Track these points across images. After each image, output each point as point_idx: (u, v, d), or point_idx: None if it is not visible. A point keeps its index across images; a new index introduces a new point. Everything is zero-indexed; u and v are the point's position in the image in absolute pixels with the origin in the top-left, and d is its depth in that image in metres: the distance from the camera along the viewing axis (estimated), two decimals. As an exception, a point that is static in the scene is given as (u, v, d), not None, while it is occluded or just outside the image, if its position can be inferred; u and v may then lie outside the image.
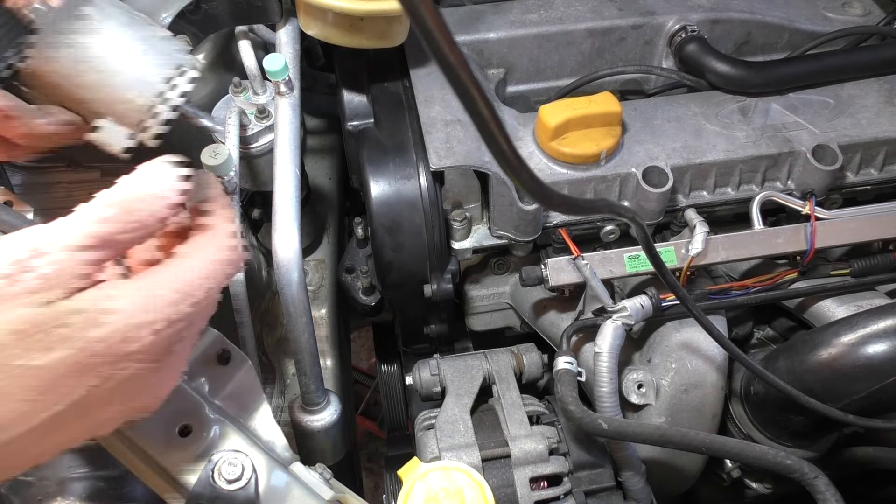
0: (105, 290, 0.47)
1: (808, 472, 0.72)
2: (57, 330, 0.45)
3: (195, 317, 0.52)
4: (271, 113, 0.91)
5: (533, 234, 0.94)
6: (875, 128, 0.97)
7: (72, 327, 0.45)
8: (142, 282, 0.49)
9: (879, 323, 0.83)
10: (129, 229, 0.49)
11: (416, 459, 0.81)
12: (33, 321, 0.45)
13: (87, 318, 0.46)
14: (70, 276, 0.46)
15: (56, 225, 0.48)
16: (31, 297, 0.45)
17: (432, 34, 0.40)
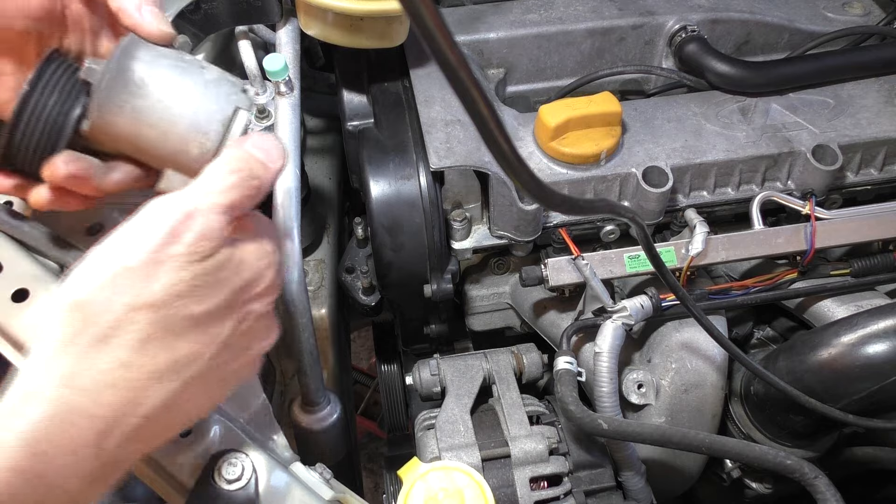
0: (237, 245, 0.56)
1: (808, 472, 0.72)
2: (210, 282, 0.53)
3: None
4: (271, 113, 0.90)
5: (533, 234, 0.94)
6: (875, 128, 0.97)
7: (218, 278, 0.54)
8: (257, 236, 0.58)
9: (879, 323, 0.83)
10: (252, 195, 0.57)
11: (416, 459, 0.81)
12: (192, 277, 0.52)
13: (230, 269, 0.55)
14: (215, 235, 0.53)
15: (195, 190, 0.54)
16: (188, 256, 0.52)
17: (432, 34, 0.40)
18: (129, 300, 0.50)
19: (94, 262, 0.52)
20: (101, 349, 0.49)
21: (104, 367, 0.49)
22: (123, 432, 0.51)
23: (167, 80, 0.62)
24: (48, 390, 0.48)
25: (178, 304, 0.51)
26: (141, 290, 0.50)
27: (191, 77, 0.63)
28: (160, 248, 0.51)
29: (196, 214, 0.53)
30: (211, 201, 0.54)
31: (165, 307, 0.51)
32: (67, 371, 0.49)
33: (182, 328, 0.52)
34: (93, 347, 0.49)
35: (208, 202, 0.54)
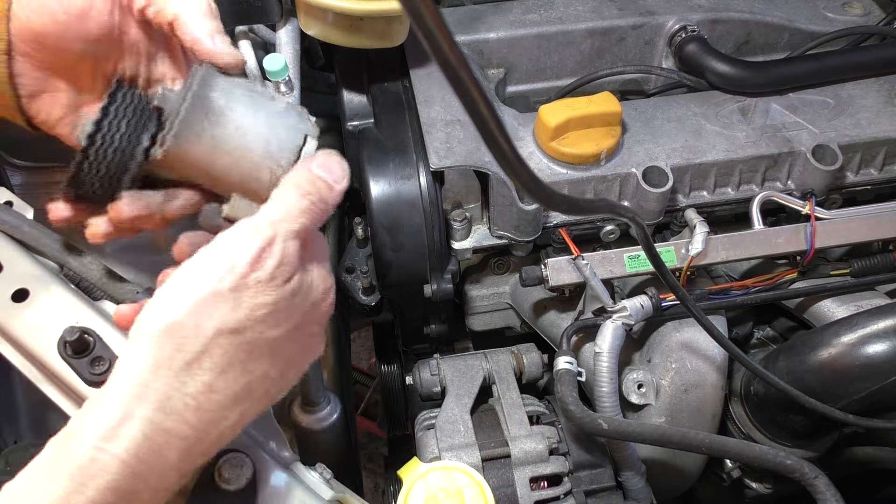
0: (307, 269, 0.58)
1: (808, 472, 0.72)
2: (287, 306, 0.56)
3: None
4: (271, 113, 0.91)
5: (533, 234, 0.94)
6: (875, 128, 0.97)
7: (293, 302, 0.56)
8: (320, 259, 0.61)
9: (879, 323, 0.83)
10: (320, 217, 0.59)
11: (416, 459, 0.81)
12: (274, 302, 0.55)
13: (302, 293, 0.57)
14: (292, 261, 0.56)
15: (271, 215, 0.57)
16: (270, 282, 0.54)
17: (432, 34, 0.40)
18: (218, 325, 0.52)
19: (181, 286, 0.54)
20: (191, 373, 0.52)
21: (192, 390, 0.52)
22: (201, 450, 0.54)
23: (243, 108, 0.63)
24: (144, 412, 0.50)
25: (259, 328, 0.54)
26: (228, 314, 0.53)
27: (264, 107, 0.64)
28: (246, 274, 0.53)
29: (276, 241, 0.55)
30: (287, 227, 0.56)
31: (249, 331, 0.54)
32: (162, 395, 0.51)
33: (260, 352, 0.55)
34: (183, 371, 0.52)
35: (285, 228, 0.56)
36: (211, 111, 0.61)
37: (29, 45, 0.62)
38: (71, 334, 0.64)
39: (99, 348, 0.65)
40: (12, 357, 0.68)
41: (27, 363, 0.68)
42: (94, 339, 0.65)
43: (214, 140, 0.61)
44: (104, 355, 0.65)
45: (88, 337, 0.65)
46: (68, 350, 0.65)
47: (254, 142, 0.62)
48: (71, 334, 0.64)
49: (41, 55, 0.62)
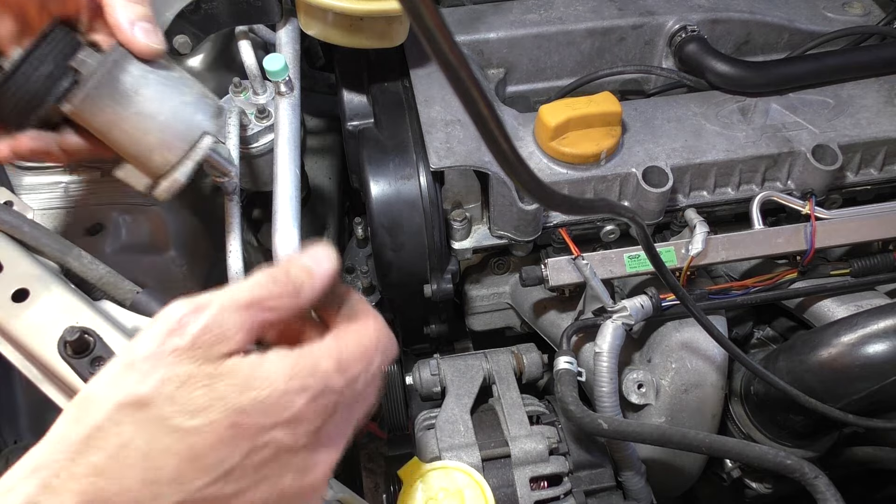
0: (258, 355, 0.47)
1: (808, 471, 0.72)
2: (210, 389, 0.45)
3: (349, 395, 0.50)
4: (271, 113, 0.91)
5: (533, 234, 0.94)
6: (875, 128, 0.97)
7: (224, 388, 0.45)
8: (295, 350, 0.49)
9: (879, 323, 0.83)
10: (284, 294, 0.50)
11: (416, 459, 0.81)
12: (189, 378, 0.45)
13: (239, 380, 0.45)
14: (226, 333, 0.46)
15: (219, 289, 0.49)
16: (189, 352, 0.45)
17: (433, 34, 0.40)
18: (120, 396, 0.44)
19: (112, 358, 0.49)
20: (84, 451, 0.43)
21: (81, 471, 0.43)
22: None
23: (148, 96, 0.67)
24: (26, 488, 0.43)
25: (167, 407, 0.44)
26: (133, 385, 0.44)
27: (170, 97, 0.68)
28: (162, 341, 0.45)
29: (207, 307, 0.47)
30: (230, 296, 0.48)
31: (154, 408, 0.44)
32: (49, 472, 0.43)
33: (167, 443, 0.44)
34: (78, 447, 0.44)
35: (226, 296, 0.48)
36: (116, 92, 0.65)
37: None
38: (71, 334, 0.64)
39: (99, 348, 0.65)
40: (12, 357, 0.68)
41: (27, 363, 0.68)
42: (94, 339, 0.65)
43: (115, 117, 0.66)
44: (104, 355, 0.65)
45: (88, 337, 0.65)
46: (68, 350, 0.65)
47: (151, 128, 0.67)
48: (71, 334, 0.64)
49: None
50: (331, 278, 0.53)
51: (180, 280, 1.03)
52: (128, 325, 0.69)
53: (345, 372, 0.49)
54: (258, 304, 0.48)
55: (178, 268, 1.03)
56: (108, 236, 0.93)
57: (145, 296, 0.71)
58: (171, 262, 1.02)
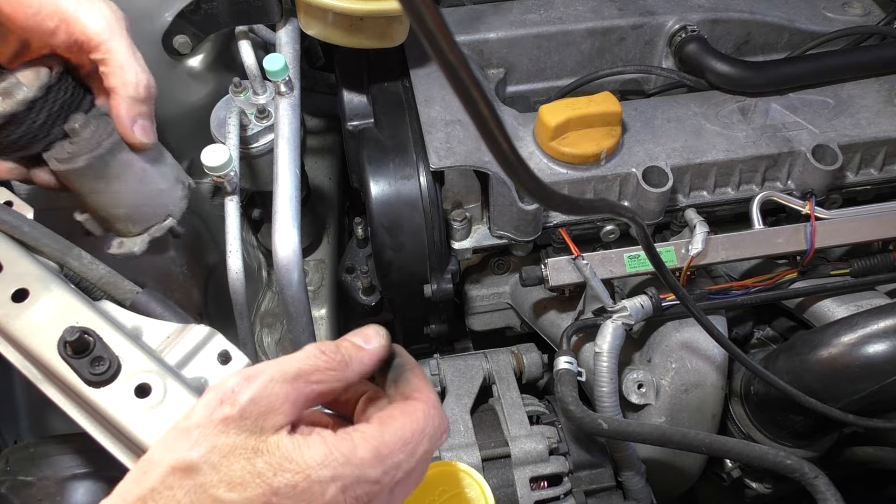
0: (300, 437, 0.48)
1: (808, 471, 0.72)
2: (250, 464, 0.46)
3: (388, 482, 0.50)
4: (271, 113, 0.91)
5: (533, 234, 0.94)
6: (875, 128, 0.97)
7: (262, 466, 0.46)
8: (334, 437, 0.49)
9: (879, 323, 0.83)
10: (332, 367, 0.51)
11: (417, 459, 0.81)
12: (234, 448, 0.46)
13: (276, 459, 0.46)
14: (273, 405, 0.48)
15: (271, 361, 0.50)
16: (237, 422, 0.47)
17: (433, 34, 0.40)
18: (172, 461, 0.46)
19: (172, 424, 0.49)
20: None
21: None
22: None
23: (128, 181, 0.74)
24: None
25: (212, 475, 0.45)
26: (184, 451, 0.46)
27: (147, 184, 0.76)
28: (214, 409, 0.47)
29: (257, 378, 0.48)
30: (278, 368, 0.49)
31: (201, 475, 0.46)
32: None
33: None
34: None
35: (275, 368, 0.49)
36: (102, 172, 0.72)
37: None
38: (71, 334, 0.64)
39: (99, 348, 0.65)
40: (12, 357, 0.68)
41: (27, 363, 0.68)
42: (94, 339, 0.65)
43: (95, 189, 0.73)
44: (104, 355, 0.65)
45: (88, 337, 0.65)
46: (68, 350, 0.65)
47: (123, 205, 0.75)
48: (71, 334, 0.64)
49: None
50: (381, 353, 0.55)
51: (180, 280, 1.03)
52: (128, 325, 0.68)
53: (384, 460, 0.49)
54: (305, 376, 0.50)
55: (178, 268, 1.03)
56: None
57: (145, 296, 0.71)
58: (171, 262, 1.02)
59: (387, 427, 0.51)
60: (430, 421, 0.53)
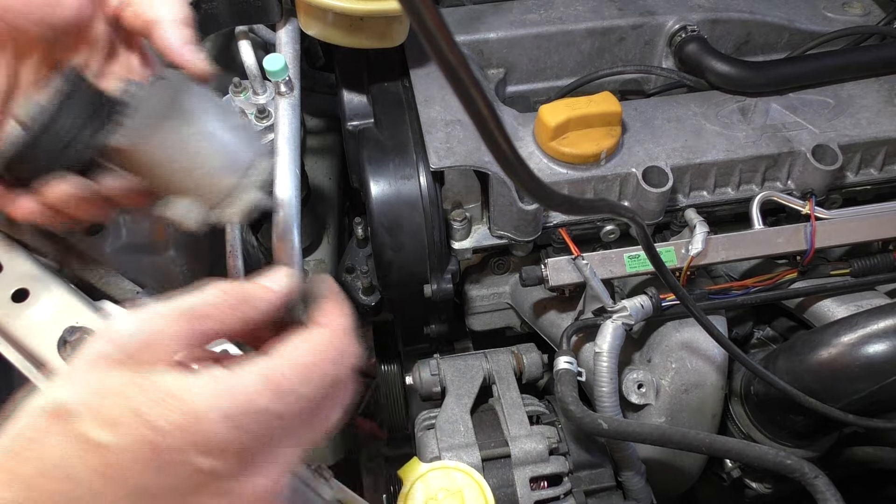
0: (187, 375, 0.45)
1: (808, 471, 0.72)
2: (128, 401, 0.43)
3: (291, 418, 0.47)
4: (271, 113, 0.91)
5: (533, 234, 0.94)
6: (875, 128, 0.97)
7: (142, 403, 0.43)
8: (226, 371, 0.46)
9: (879, 323, 0.83)
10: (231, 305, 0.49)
11: (416, 459, 0.81)
12: (111, 387, 0.43)
13: (159, 396, 0.43)
14: (155, 339, 0.45)
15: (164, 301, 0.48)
16: (116, 359, 0.44)
17: (432, 34, 0.40)
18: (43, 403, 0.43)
19: None
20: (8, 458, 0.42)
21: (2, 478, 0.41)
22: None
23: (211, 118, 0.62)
24: None
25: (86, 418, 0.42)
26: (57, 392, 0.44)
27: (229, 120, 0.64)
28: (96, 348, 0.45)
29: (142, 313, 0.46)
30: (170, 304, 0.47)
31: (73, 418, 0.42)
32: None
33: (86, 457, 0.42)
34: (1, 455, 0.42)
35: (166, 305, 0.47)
36: (179, 112, 0.60)
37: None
38: (71, 334, 0.64)
39: (99, 348, 0.65)
40: (12, 357, 0.68)
41: (27, 363, 0.68)
42: (94, 339, 0.65)
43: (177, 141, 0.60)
44: (104, 355, 0.65)
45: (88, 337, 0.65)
46: (68, 350, 0.65)
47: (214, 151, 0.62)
48: (71, 334, 0.64)
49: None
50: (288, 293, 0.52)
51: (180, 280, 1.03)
52: (128, 325, 0.68)
53: (279, 391, 0.46)
54: (201, 314, 0.47)
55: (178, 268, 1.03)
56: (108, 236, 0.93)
57: (145, 296, 0.71)
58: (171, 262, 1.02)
59: (283, 357, 0.48)
60: (333, 346, 0.50)
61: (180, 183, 0.62)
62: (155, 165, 0.61)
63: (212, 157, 0.62)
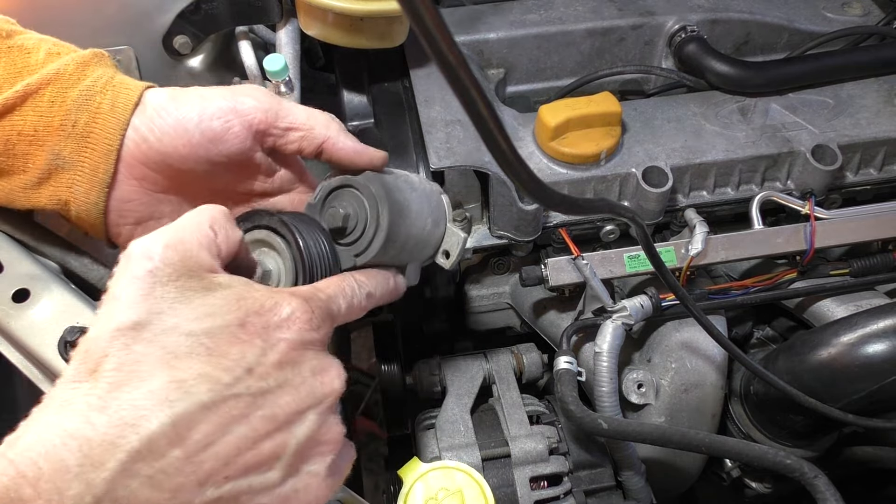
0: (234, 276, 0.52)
1: (807, 471, 0.72)
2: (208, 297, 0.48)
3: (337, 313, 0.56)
4: (271, 113, 0.91)
5: (533, 234, 0.94)
6: (874, 128, 0.97)
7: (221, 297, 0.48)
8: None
9: (879, 323, 0.83)
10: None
11: (416, 459, 0.81)
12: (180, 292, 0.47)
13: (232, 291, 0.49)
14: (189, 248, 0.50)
15: None
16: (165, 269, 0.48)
17: (432, 34, 0.40)
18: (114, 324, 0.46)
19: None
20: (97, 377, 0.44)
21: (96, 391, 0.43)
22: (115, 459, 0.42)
23: (409, 197, 0.67)
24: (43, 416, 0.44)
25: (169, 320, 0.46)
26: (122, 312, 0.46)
27: (413, 185, 0.69)
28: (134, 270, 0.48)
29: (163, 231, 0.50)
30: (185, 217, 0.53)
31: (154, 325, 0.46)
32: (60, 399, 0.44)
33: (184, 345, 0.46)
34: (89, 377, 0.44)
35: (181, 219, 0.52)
36: (399, 209, 0.64)
37: (151, 167, 0.62)
38: (71, 334, 0.64)
39: (99, 348, 0.65)
40: (12, 357, 0.68)
41: (27, 363, 0.68)
42: (94, 339, 0.65)
43: (406, 231, 0.66)
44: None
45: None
46: (68, 350, 0.65)
47: (425, 219, 0.69)
48: (71, 334, 0.64)
49: (159, 175, 0.63)
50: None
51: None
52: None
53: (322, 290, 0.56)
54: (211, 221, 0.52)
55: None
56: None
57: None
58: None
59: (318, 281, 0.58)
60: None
61: (408, 259, 0.70)
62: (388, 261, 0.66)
63: (425, 227, 0.69)
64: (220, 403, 0.45)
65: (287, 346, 0.50)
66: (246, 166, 0.66)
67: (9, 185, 0.63)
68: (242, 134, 0.63)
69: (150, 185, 0.64)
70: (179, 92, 0.63)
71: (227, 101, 0.62)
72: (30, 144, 0.61)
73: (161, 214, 0.66)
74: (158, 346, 0.45)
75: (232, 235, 0.54)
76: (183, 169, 0.63)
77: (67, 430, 0.42)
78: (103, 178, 0.61)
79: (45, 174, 0.62)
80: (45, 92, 0.60)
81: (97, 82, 0.61)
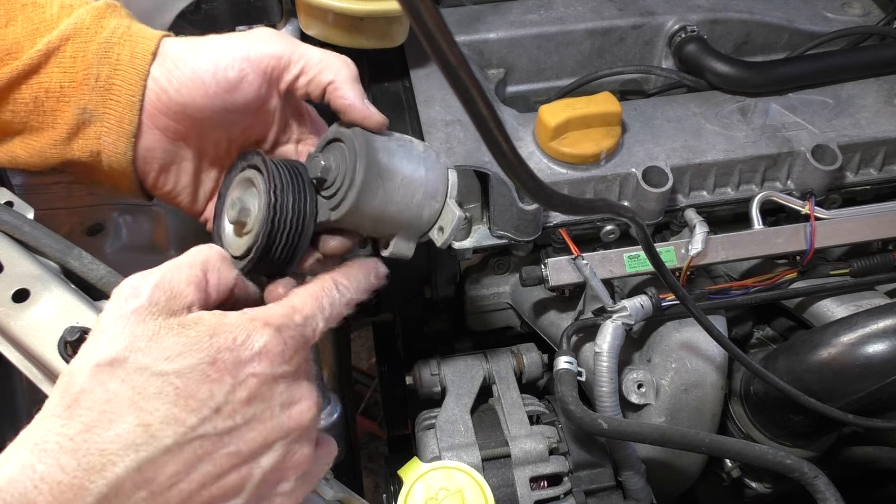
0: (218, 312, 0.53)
1: (807, 471, 0.72)
2: (181, 336, 0.49)
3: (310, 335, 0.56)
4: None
5: (533, 234, 0.94)
6: (874, 128, 0.97)
7: (195, 335, 0.49)
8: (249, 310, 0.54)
9: (879, 323, 0.83)
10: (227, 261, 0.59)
11: (416, 459, 0.81)
12: (157, 331, 0.49)
13: (206, 327, 0.50)
14: (176, 288, 0.52)
15: None
16: (148, 308, 0.50)
17: (432, 34, 0.40)
18: (95, 359, 0.48)
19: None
20: (72, 414, 0.46)
21: (70, 431, 0.45)
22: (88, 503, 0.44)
23: (401, 161, 0.66)
24: (18, 454, 0.45)
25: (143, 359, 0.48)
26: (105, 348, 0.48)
27: (412, 154, 0.68)
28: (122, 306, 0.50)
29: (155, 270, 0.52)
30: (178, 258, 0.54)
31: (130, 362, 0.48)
32: (37, 436, 0.46)
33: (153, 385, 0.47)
34: (66, 411, 0.46)
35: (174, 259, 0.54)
36: (380, 170, 0.63)
37: (171, 117, 0.64)
38: (71, 334, 0.64)
39: (99, 348, 0.65)
40: (12, 357, 0.68)
41: (27, 363, 0.68)
42: (94, 339, 0.65)
43: (386, 195, 0.64)
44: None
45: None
46: (68, 350, 0.65)
47: (416, 189, 0.66)
48: (71, 334, 0.64)
49: (179, 125, 0.64)
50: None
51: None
52: (128, 325, 0.68)
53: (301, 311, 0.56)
54: (203, 263, 0.54)
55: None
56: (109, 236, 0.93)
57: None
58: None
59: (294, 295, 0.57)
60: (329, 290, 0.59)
61: (394, 227, 0.67)
62: (369, 223, 0.66)
63: (413, 196, 0.66)
64: (184, 445, 0.47)
65: (257, 381, 0.51)
66: (262, 113, 0.67)
67: (40, 143, 0.64)
68: (257, 81, 0.64)
69: (171, 134, 0.65)
70: (196, 41, 0.65)
71: (241, 49, 0.63)
72: (57, 101, 0.62)
73: (181, 159, 0.68)
74: (129, 385, 0.47)
75: (225, 276, 0.56)
76: (201, 118, 0.64)
77: (39, 472, 0.44)
78: (129, 128, 0.63)
79: (74, 129, 0.63)
80: (67, 48, 0.61)
81: (115, 33, 0.63)
